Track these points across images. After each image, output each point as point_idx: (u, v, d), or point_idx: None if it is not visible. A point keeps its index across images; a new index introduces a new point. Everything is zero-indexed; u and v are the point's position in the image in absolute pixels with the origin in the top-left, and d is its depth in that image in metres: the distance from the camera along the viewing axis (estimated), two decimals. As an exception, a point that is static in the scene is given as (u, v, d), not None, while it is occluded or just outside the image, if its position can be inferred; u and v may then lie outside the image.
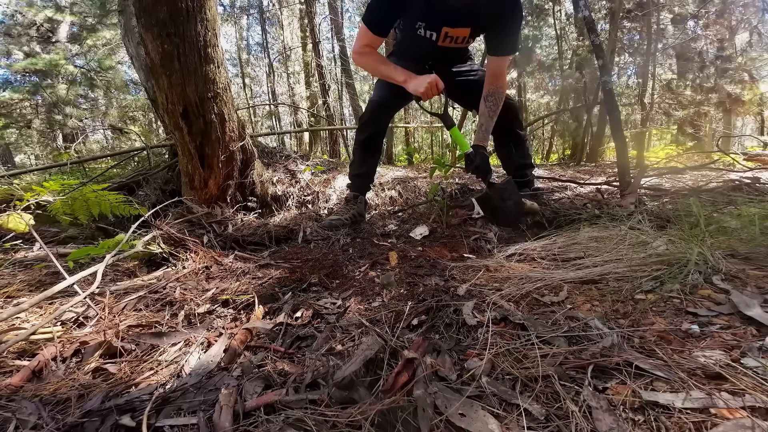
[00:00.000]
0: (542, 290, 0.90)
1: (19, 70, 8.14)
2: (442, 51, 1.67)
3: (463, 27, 1.57)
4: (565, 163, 5.80)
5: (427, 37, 1.59)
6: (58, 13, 8.22)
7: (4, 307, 0.98)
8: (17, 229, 1.18)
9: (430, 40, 1.60)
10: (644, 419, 0.48)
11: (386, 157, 5.55)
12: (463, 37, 1.62)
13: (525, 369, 0.60)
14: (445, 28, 1.56)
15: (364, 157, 1.97)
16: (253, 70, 11.31)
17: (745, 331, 0.65)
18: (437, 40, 1.59)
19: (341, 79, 6.90)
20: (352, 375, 0.58)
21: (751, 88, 6.34)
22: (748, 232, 1.08)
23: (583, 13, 1.81)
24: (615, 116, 1.72)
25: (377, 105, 1.89)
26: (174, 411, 0.58)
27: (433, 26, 1.56)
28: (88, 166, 3.89)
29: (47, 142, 8.88)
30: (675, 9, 6.65)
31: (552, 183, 2.70)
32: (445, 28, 1.56)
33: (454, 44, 1.64)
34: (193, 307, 0.97)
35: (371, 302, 0.96)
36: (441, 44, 1.62)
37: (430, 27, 1.56)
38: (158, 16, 1.47)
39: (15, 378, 0.69)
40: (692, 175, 2.56)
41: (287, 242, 1.67)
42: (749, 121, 10.78)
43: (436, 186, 1.93)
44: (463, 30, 1.58)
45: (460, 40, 1.63)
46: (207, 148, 1.84)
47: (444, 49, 1.65)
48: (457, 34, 1.59)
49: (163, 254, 1.31)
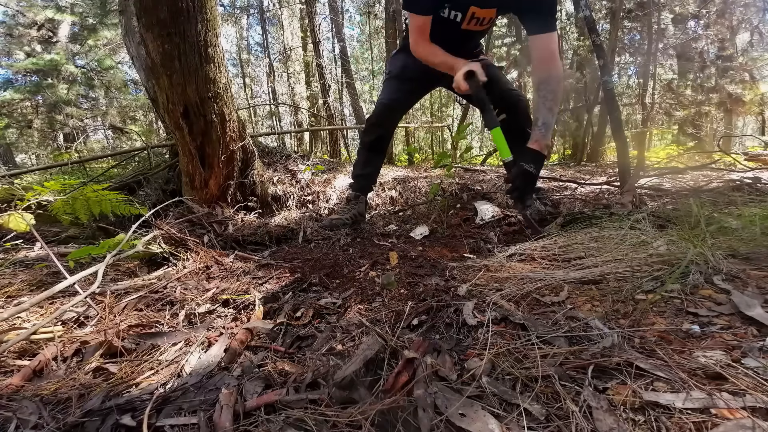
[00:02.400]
0: (543, 290, 0.90)
1: (20, 69, 8.16)
2: (463, 35, 1.63)
3: (491, 7, 1.54)
4: (565, 162, 5.80)
5: (451, 19, 1.56)
6: (59, 13, 8.23)
7: (5, 307, 0.98)
8: (18, 228, 1.18)
9: (454, 22, 1.56)
10: (645, 419, 0.48)
11: (387, 157, 5.55)
12: (489, 18, 1.58)
13: (525, 369, 0.60)
14: (473, 8, 1.52)
15: (369, 158, 1.96)
16: (254, 70, 11.32)
17: (746, 332, 0.64)
18: (462, 21, 1.56)
19: (341, 79, 6.90)
20: (352, 375, 0.58)
21: (752, 88, 6.33)
22: (748, 233, 1.08)
23: (583, 13, 1.81)
24: (616, 116, 1.72)
25: (386, 106, 1.86)
26: (174, 411, 0.58)
27: (459, 6, 1.53)
28: (89, 165, 3.90)
29: (48, 142, 8.89)
30: (676, 9, 6.64)
31: (553, 183, 2.70)
32: (473, 8, 1.52)
33: (478, 26, 1.60)
34: (193, 307, 0.97)
35: (371, 302, 0.96)
36: (465, 27, 1.59)
37: (456, 7, 1.53)
38: (159, 16, 1.47)
39: (16, 378, 0.69)
40: (693, 175, 2.56)
41: (288, 242, 1.67)
42: (750, 121, 10.77)
43: (437, 186, 1.93)
44: (490, 11, 1.55)
45: (486, 21, 1.59)
46: (207, 148, 1.84)
47: (465, 33, 1.62)
48: (483, 15, 1.55)
49: (163, 254, 1.32)
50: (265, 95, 10.87)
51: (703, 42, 6.65)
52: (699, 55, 6.67)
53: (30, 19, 8.38)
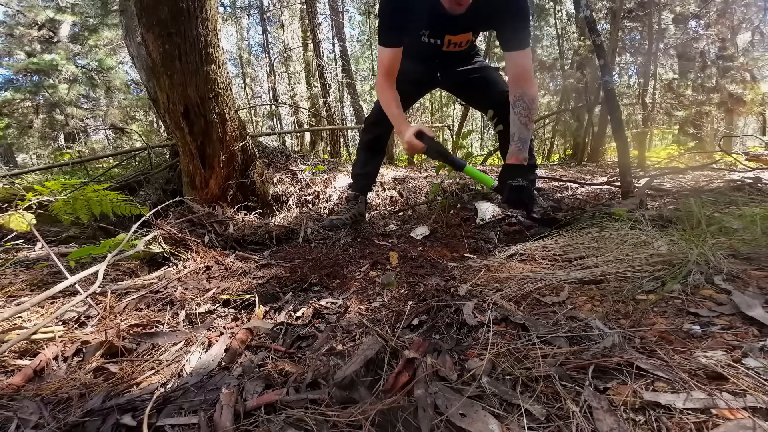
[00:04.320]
0: (543, 290, 0.90)
1: (20, 69, 8.17)
2: (446, 55, 1.68)
3: (465, 32, 1.58)
4: (566, 163, 5.79)
5: (432, 44, 1.61)
6: (60, 13, 8.24)
7: (6, 307, 0.98)
8: (19, 228, 1.18)
9: (435, 45, 1.62)
10: (645, 420, 0.48)
11: (387, 157, 5.55)
12: (467, 41, 1.64)
13: (526, 369, 0.59)
14: (448, 36, 1.58)
15: (369, 157, 1.98)
16: (254, 70, 11.33)
17: (747, 332, 0.64)
18: (442, 45, 1.62)
19: (342, 79, 6.89)
20: (352, 375, 0.58)
21: (753, 87, 6.33)
22: (749, 233, 1.07)
23: (584, 13, 1.80)
24: (616, 116, 1.71)
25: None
26: (175, 410, 0.59)
27: (436, 34, 1.58)
28: (90, 165, 3.90)
29: (49, 142, 8.91)
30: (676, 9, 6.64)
31: (553, 183, 2.69)
32: (448, 36, 1.58)
33: (458, 48, 1.66)
34: (194, 307, 0.97)
35: (372, 302, 0.96)
36: (446, 49, 1.64)
37: (433, 35, 1.58)
38: (159, 16, 1.47)
39: (16, 377, 0.69)
40: (694, 176, 2.56)
41: (288, 242, 1.67)
42: (751, 121, 10.76)
43: (437, 186, 1.93)
44: (465, 35, 1.60)
45: (464, 44, 1.65)
46: (208, 148, 1.84)
47: (448, 53, 1.67)
48: (459, 40, 1.61)
49: (164, 254, 1.32)
50: (266, 95, 10.88)
51: (703, 42, 6.65)
52: (700, 55, 6.66)
53: (31, 19, 8.40)
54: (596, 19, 2.80)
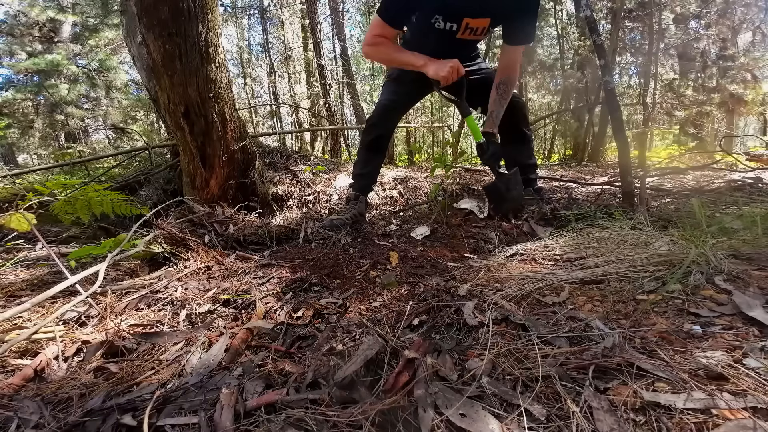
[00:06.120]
0: (543, 290, 0.90)
1: (21, 69, 8.18)
2: (459, 44, 1.66)
3: (485, 17, 1.57)
4: (566, 163, 5.79)
5: (447, 30, 1.58)
6: (61, 13, 8.25)
7: (7, 307, 0.98)
8: (20, 228, 1.18)
9: (450, 32, 1.59)
10: (645, 420, 0.48)
11: (387, 157, 5.55)
12: (483, 28, 1.61)
13: (526, 369, 0.59)
14: (467, 19, 1.55)
15: (369, 157, 1.98)
16: (254, 70, 11.34)
17: (747, 332, 0.64)
18: (457, 31, 1.59)
19: (342, 79, 6.90)
20: (352, 375, 0.58)
21: (754, 87, 6.32)
22: (750, 233, 1.07)
23: (584, 13, 1.80)
24: (617, 116, 1.71)
25: (385, 108, 1.89)
26: (175, 410, 0.59)
27: (453, 18, 1.55)
28: (90, 165, 3.91)
29: (50, 141, 8.92)
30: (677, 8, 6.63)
31: (553, 183, 2.69)
32: (467, 19, 1.55)
33: (473, 36, 1.64)
34: (194, 307, 0.97)
35: (372, 302, 0.95)
36: (460, 36, 1.61)
37: (449, 19, 1.55)
38: (160, 16, 1.48)
39: (17, 377, 0.69)
40: (694, 176, 2.55)
41: (288, 242, 1.67)
42: (752, 121, 10.75)
43: (437, 186, 1.93)
44: (483, 20, 1.58)
45: (480, 31, 1.63)
46: (208, 148, 1.84)
47: (461, 41, 1.65)
48: (477, 24, 1.58)
49: (164, 254, 1.32)
50: (266, 95, 10.89)
51: (704, 42, 6.64)
52: (700, 55, 6.65)
53: (32, 19, 8.40)
54: (597, 19, 2.80)
